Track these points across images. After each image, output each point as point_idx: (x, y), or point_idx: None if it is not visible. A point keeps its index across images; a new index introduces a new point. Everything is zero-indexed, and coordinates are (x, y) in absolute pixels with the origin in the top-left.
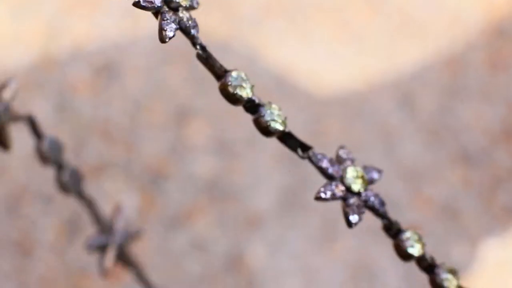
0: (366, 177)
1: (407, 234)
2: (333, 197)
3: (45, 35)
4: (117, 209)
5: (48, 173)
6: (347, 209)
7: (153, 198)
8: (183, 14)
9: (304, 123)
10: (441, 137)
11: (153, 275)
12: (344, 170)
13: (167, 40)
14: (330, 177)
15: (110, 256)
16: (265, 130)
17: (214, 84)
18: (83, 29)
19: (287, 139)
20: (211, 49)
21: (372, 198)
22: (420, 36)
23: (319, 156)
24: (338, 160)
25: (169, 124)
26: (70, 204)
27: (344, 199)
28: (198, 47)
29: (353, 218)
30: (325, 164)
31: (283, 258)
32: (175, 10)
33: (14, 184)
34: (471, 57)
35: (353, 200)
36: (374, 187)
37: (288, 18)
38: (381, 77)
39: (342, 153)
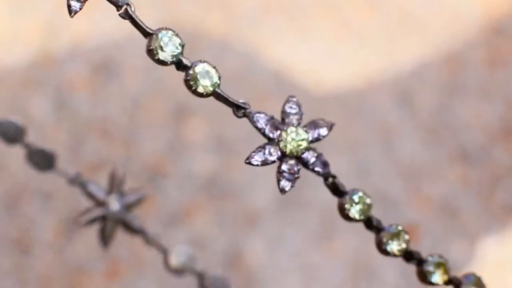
0: (310, 136)
1: (360, 194)
2: (265, 162)
3: (43, 32)
4: (112, 176)
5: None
6: (279, 175)
7: (151, 196)
8: None
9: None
10: (440, 135)
11: (152, 273)
12: (283, 131)
13: (72, 14)
14: (269, 139)
15: (109, 226)
16: (195, 91)
17: None
18: (82, 27)
19: (221, 99)
20: (210, 48)
21: (312, 160)
22: (419, 34)
23: (256, 115)
24: (283, 117)
25: (168, 122)
26: (69, 202)
27: (281, 161)
28: (120, 9)
29: (283, 184)
30: (261, 124)
31: (282, 256)
32: None
33: (13, 182)
34: (470, 55)
35: (287, 165)
36: (373, 184)
37: (287, 16)
38: (380, 75)
39: (288, 108)
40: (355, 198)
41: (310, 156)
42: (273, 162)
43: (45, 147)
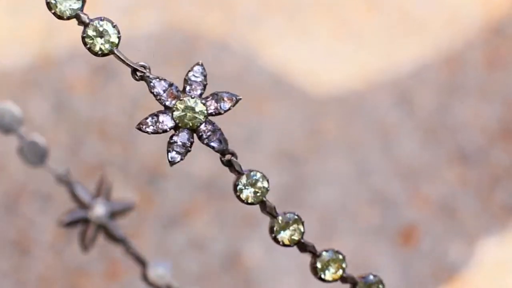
0: (209, 108)
1: (257, 176)
2: (157, 131)
3: (42, 33)
4: (100, 181)
5: (48, 172)
6: (168, 146)
7: (150, 197)
8: None
9: (302, 122)
10: (439, 135)
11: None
12: (179, 100)
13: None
14: (165, 107)
15: (91, 230)
16: (90, 49)
17: (212, 83)
18: (81, 28)
19: (119, 60)
20: (209, 48)
21: (207, 134)
22: (419, 34)
23: (154, 81)
24: (185, 86)
25: None
26: (69, 203)
27: (174, 132)
28: None
29: (172, 156)
30: (158, 90)
31: (280, 257)
32: None
33: (12, 182)
34: (469, 55)
35: (179, 136)
36: (372, 184)
37: (287, 16)
38: (380, 75)
39: (192, 76)
40: (251, 179)
41: (206, 130)
42: (165, 131)
43: (39, 141)
